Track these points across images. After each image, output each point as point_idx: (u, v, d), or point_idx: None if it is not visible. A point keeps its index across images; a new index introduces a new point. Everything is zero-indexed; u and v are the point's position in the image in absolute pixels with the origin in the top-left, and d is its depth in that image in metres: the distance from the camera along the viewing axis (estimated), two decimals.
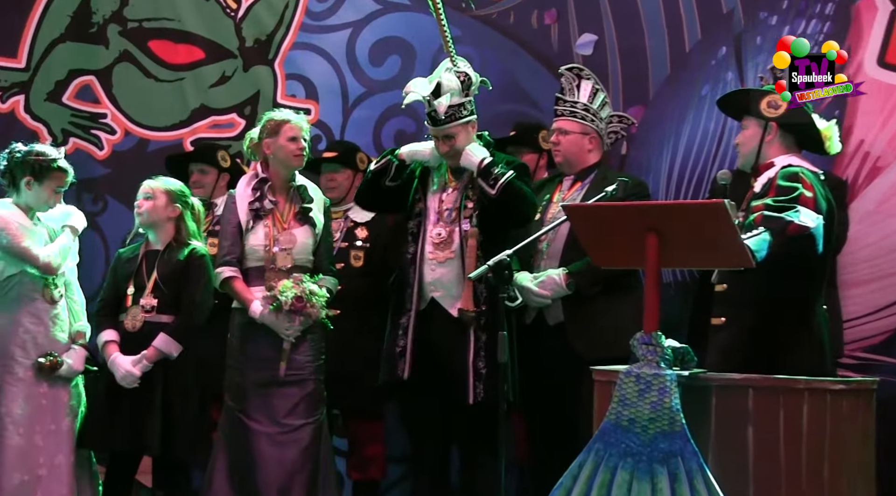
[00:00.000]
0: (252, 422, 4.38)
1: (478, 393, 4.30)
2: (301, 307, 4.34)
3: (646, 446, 3.26)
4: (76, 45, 5.63)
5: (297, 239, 4.50)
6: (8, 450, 4.14)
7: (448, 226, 4.43)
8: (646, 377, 3.32)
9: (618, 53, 5.21)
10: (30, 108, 5.65)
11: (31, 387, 4.22)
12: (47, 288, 4.28)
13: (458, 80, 4.40)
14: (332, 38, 5.57)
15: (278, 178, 4.54)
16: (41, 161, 4.28)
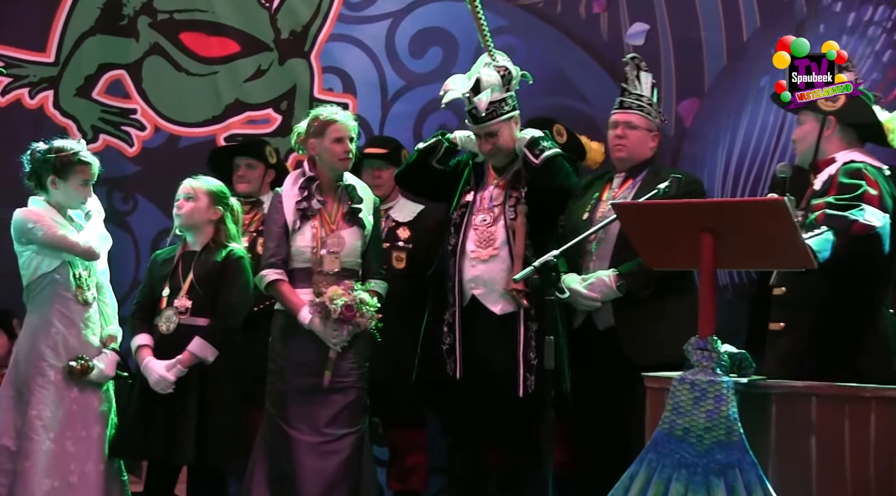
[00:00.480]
0: (293, 430, 4.40)
1: (528, 385, 4.29)
2: (351, 316, 4.35)
3: (701, 457, 3.24)
4: (106, 38, 5.67)
5: (345, 241, 4.51)
6: (39, 454, 4.20)
7: (492, 223, 4.43)
8: (701, 384, 3.30)
9: (671, 44, 5.19)
10: (59, 104, 5.70)
11: (61, 390, 4.27)
12: (80, 289, 4.33)
13: (497, 75, 4.41)
14: (370, 29, 5.58)
15: (326, 178, 4.56)
16: (62, 157, 4.33)
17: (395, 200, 5.16)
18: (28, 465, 4.18)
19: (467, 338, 4.40)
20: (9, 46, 5.65)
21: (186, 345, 4.39)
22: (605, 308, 4.51)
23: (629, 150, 4.66)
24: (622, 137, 4.66)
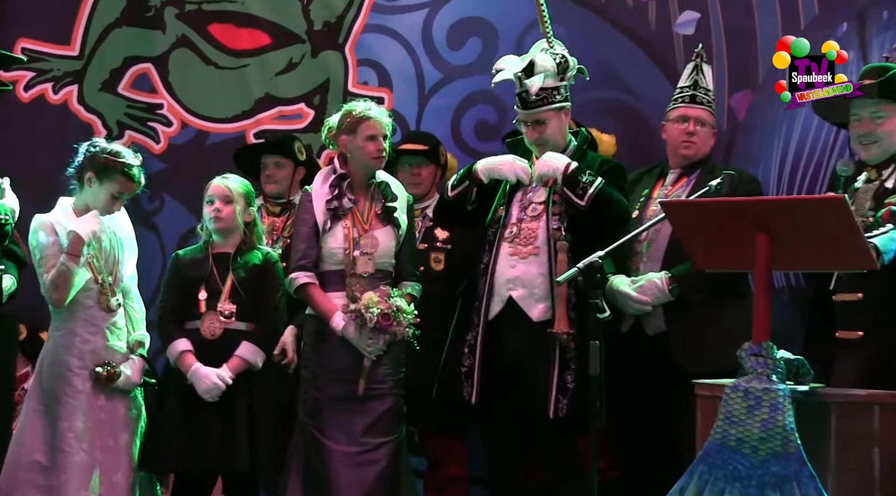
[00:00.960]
0: (328, 440, 4.38)
1: (560, 408, 4.25)
2: (388, 325, 4.34)
3: (756, 469, 3.22)
4: (132, 30, 5.71)
5: (379, 241, 4.49)
6: (73, 466, 4.22)
7: (533, 220, 4.40)
8: (755, 392, 3.28)
9: (723, 33, 5.15)
10: (83, 99, 5.75)
11: (89, 399, 4.29)
12: (103, 295, 4.35)
13: (553, 62, 4.38)
14: (406, 19, 5.59)
15: (358, 175, 4.55)
16: (109, 160, 4.34)
17: (433, 199, 5.15)
18: (64, 479, 4.20)
19: (492, 353, 4.35)
20: (32, 40, 5.71)
21: (231, 350, 4.40)
22: (655, 312, 4.48)
23: (698, 147, 4.63)
24: (693, 134, 4.61)
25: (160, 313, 4.54)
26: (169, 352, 4.47)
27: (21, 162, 5.23)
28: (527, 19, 5.34)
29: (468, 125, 5.49)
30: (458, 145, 5.47)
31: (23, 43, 5.64)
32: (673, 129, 4.68)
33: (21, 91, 5.72)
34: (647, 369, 4.44)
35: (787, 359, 3.40)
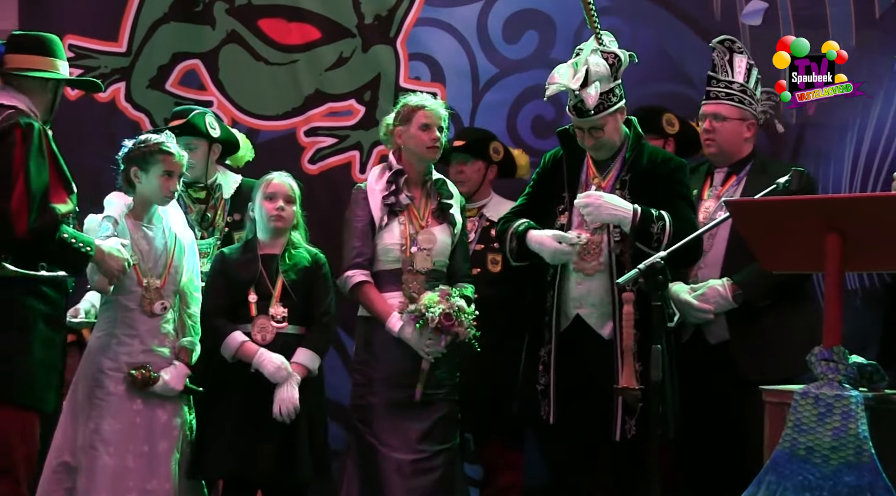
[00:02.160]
0: (384, 447, 4.38)
1: (627, 430, 4.21)
2: (450, 326, 4.33)
3: (827, 479, 3.18)
4: (180, 25, 5.74)
5: (436, 238, 4.50)
6: (97, 470, 4.25)
7: (595, 233, 4.32)
8: (826, 399, 3.24)
9: (792, 23, 5.10)
10: (131, 96, 5.79)
11: (122, 402, 4.31)
12: (146, 299, 4.37)
13: (606, 64, 4.30)
14: (460, 12, 5.59)
15: (413, 171, 4.55)
16: (142, 148, 4.40)
17: (488, 198, 5.14)
18: (85, 481, 4.24)
19: (563, 376, 4.30)
20: (79, 36, 5.76)
21: (284, 355, 4.41)
22: (717, 320, 4.43)
23: (719, 144, 4.60)
24: (710, 130, 4.59)
25: (206, 313, 4.50)
26: (226, 347, 4.43)
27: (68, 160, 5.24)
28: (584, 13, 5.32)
29: (524, 120, 5.47)
30: (515, 141, 5.46)
31: (70, 40, 5.69)
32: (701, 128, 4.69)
33: (68, 89, 5.78)
34: (710, 381, 4.39)
35: (860, 365, 3.36)
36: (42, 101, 4.04)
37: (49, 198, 3.80)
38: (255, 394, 4.39)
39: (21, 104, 3.93)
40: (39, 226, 3.75)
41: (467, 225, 4.81)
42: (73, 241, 3.87)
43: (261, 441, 4.36)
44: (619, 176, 4.37)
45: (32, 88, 4.02)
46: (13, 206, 3.73)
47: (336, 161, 5.66)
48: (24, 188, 3.74)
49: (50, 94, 4.07)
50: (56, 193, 3.84)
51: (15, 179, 3.74)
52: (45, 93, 4.05)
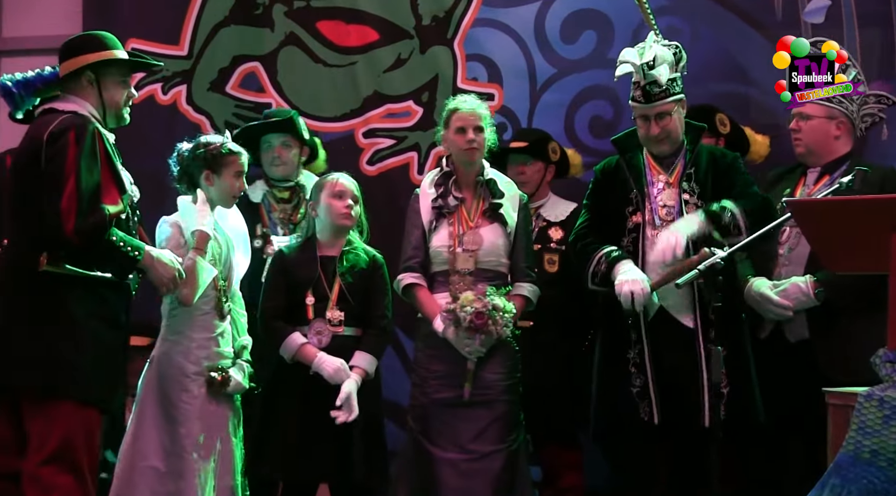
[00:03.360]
0: (435, 447, 4.40)
1: (717, 415, 4.08)
2: (481, 324, 4.32)
3: (893, 483, 3.15)
4: (240, 28, 5.80)
5: (483, 239, 4.49)
6: (191, 472, 4.28)
7: (669, 226, 4.29)
8: (891, 401, 3.20)
9: (855, 20, 5.04)
10: (192, 99, 5.86)
11: (204, 405, 4.37)
12: (219, 301, 4.42)
13: (670, 52, 4.34)
14: (518, 12, 5.58)
15: (463, 172, 4.57)
16: (212, 150, 4.43)
17: (546, 198, 5.14)
18: (183, 486, 4.28)
19: (660, 374, 4.26)
20: (142, 40, 5.83)
21: (341, 357, 4.43)
22: (798, 318, 4.39)
23: (805, 143, 4.56)
24: (797, 130, 4.57)
25: (265, 313, 4.52)
26: (285, 348, 4.45)
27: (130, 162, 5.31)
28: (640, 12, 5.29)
29: (582, 121, 5.45)
30: (572, 142, 5.44)
31: (133, 43, 5.76)
32: None
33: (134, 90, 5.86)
34: (789, 380, 4.34)
35: None
36: (91, 96, 3.98)
37: (100, 198, 3.80)
38: (312, 396, 4.41)
39: (78, 108, 3.93)
40: (87, 226, 3.75)
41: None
42: (121, 244, 3.86)
43: (316, 443, 4.37)
44: (684, 171, 4.36)
45: (80, 88, 3.98)
46: (63, 205, 3.73)
47: (394, 162, 5.68)
48: (74, 188, 3.74)
49: (94, 88, 3.98)
50: (107, 194, 3.83)
51: (66, 179, 3.74)
52: (90, 87, 3.98)
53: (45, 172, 3.77)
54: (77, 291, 3.82)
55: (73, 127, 3.80)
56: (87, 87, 3.97)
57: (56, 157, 3.78)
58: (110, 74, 4.02)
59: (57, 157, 3.78)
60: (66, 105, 3.94)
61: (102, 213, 3.79)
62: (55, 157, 3.78)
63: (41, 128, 3.85)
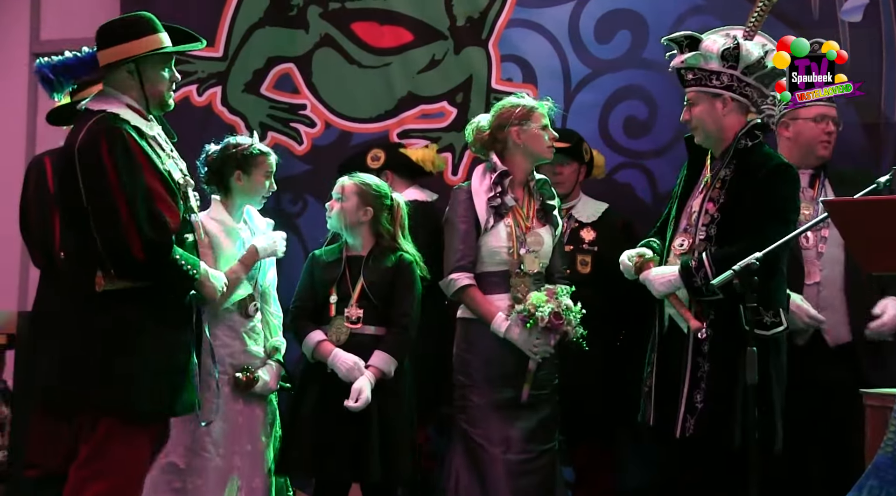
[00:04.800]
0: (492, 447, 4.40)
1: (687, 427, 4.09)
2: (559, 325, 4.33)
3: None
4: (275, 29, 5.82)
5: (543, 240, 4.51)
6: (209, 471, 4.32)
7: (686, 231, 4.25)
8: None
9: (894, 18, 4.99)
10: (227, 100, 5.88)
11: (228, 404, 4.38)
12: (243, 300, 4.45)
13: (720, 45, 4.16)
14: (552, 12, 5.56)
15: (521, 172, 4.55)
16: (242, 150, 4.48)
17: (577, 199, 5.13)
18: (199, 483, 4.30)
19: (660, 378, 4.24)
20: None
21: (359, 355, 4.43)
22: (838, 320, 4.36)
23: (831, 147, 4.54)
24: (831, 133, 4.55)
25: (293, 313, 4.55)
26: (305, 345, 4.48)
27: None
28: (678, 10, 5.27)
29: (616, 121, 5.43)
30: (607, 142, 5.42)
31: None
32: (811, 128, 4.58)
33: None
34: (829, 387, 4.29)
35: None
36: (132, 88, 3.77)
37: (155, 205, 3.62)
38: (328, 394, 4.41)
39: (111, 106, 3.73)
40: (153, 243, 3.59)
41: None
42: (182, 262, 3.71)
43: (333, 442, 4.37)
44: (716, 175, 4.22)
45: (120, 81, 3.77)
46: (123, 224, 3.56)
47: None
48: (125, 204, 3.57)
49: (135, 79, 3.77)
50: (160, 200, 3.65)
51: (115, 197, 3.57)
52: (131, 79, 3.78)
53: (86, 191, 3.60)
54: (133, 304, 3.65)
55: (102, 135, 3.62)
56: (127, 78, 3.77)
57: (93, 173, 3.60)
58: (152, 63, 3.80)
59: (94, 173, 3.60)
60: (99, 103, 3.75)
61: (167, 230, 3.62)
62: (92, 174, 3.60)
63: (71, 138, 3.69)
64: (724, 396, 4.04)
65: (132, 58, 3.74)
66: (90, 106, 3.78)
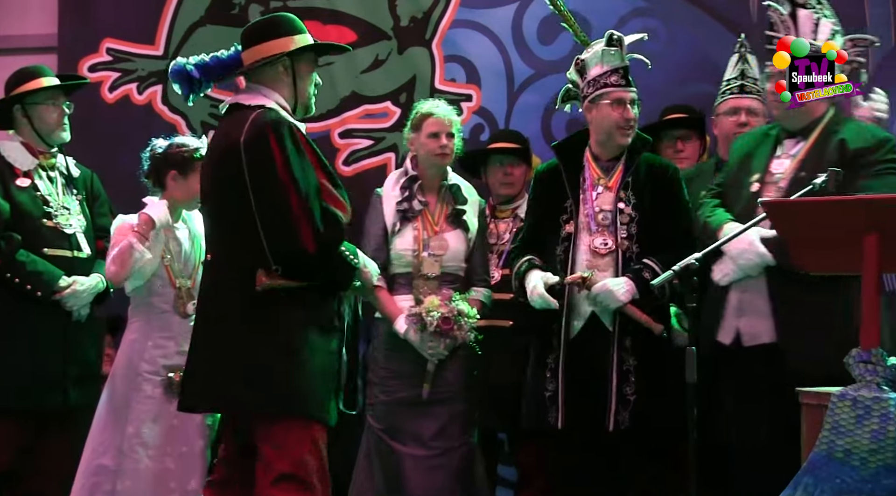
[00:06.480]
0: (398, 443, 4.50)
1: (620, 421, 4.19)
2: (448, 329, 4.44)
3: (866, 482, 3.16)
4: (216, 28, 5.78)
5: (448, 244, 4.59)
6: (139, 473, 4.29)
7: (605, 231, 4.32)
8: (864, 401, 3.21)
9: None
10: (167, 99, 5.84)
11: (161, 405, 4.35)
12: (180, 300, 4.42)
13: None
14: (496, 13, 5.59)
15: (427, 176, 4.64)
16: (183, 152, 4.45)
17: (524, 199, 5.14)
18: (128, 485, 4.28)
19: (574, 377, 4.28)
20: (117, 40, 5.82)
21: None
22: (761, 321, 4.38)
23: None
24: (745, 125, 4.54)
25: None
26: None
27: (106, 162, 5.33)
28: (620, 12, 5.31)
29: (559, 123, 5.46)
30: (549, 143, 5.43)
31: (108, 43, 5.75)
32: (725, 122, 4.64)
33: (106, 92, 5.84)
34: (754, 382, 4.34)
35: None
36: (285, 86, 3.67)
37: (325, 200, 3.50)
38: None
39: (266, 101, 3.61)
40: (327, 237, 3.47)
41: (501, 226, 4.84)
42: (347, 253, 3.59)
43: None
44: (623, 178, 4.34)
45: (272, 78, 3.66)
46: (294, 219, 3.44)
47: (371, 163, 5.67)
48: (297, 198, 3.43)
49: (289, 77, 3.66)
50: (328, 195, 3.52)
51: (286, 191, 3.43)
52: (285, 76, 3.66)
53: (255, 184, 3.46)
54: (290, 303, 3.51)
55: (269, 127, 3.48)
56: (281, 75, 3.66)
57: (262, 167, 3.46)
58: (304, 61, 3.70)
59: (263, 166, 3.46)
60: (252, 98, 3.62)
61: (339, 224, 3.51)
62: (261, 167, 3.46)
63: (233, 133, 3.52)
64: (658, 387, 4.16)
65: (288, 52, 3.64)
66: (242, 100, 3.64)
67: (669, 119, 4.96)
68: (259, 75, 3.67)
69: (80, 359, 4.61)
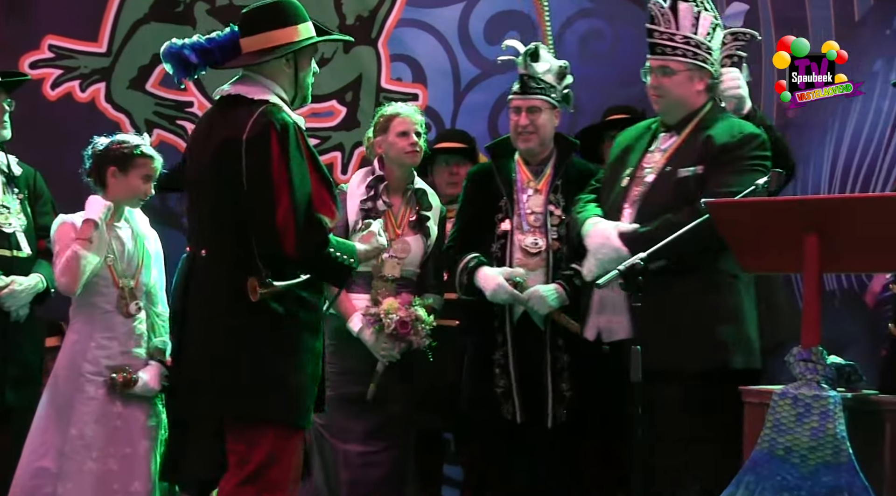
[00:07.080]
0: (334, 438, 4.53)
1: (559, 416, 4.36)
2: (405, 333, 4.45)
3: (806, 479, 3.20)
4: (161, 26, 5.72)
5: (410, 248, 4.60)
6: (82, 475, 4.23)
7: (536, 231, 4.45)
8: (805, 399, 3.25)
9: (773, 25, 5.12)
10: (111, 97, 5.78)
11: (104, 406, 4.30)
12: (123, 300, 4.37)
13: (557, 64, 4.48)
14: (442, 13, 5.60)
15: (395, 178, 4.63)
16: (123, 148, 4.40)
17: None
18: (70, 488, 4.22)
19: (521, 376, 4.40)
20: (59, 36, 5.74)
21: None
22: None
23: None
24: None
25: None
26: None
27: (49, 160, 5.26)
28: (566, 12, 5.34)
29: (504, 122, 5.42)
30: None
31: (50, 40, 5.67)
32: None
33: (48, 89, 5.76)
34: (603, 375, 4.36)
35: (839, 365, 3.37)
36: (285, 77, 3.60)
37: (315, 207, 3.46)
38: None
39: (269, 93, 3.55)
40: (308, 245, 3.45)
41: (447, 226, 4.85)
42: (337, 254, 3.56)
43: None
44: (553, 181, 4.48)
45: (274, 68, 3.58)
46: (279, 223, 3.42)
47: None
48: (288, 203, 3.41)
49: (291, 68, 3.59)
50: (321, 201, 3.49)
51: (278, 194, 3.41)
52: (287, 68, 3.59)
53: (250, 184, 3.44)
54: (282, 305, 3.50)
55: (273, 126, 3.44)
56: (283, 67, 3.59)
57: (261, 166, 3.43)
58: (306, 51, 3.62)
59: (262, 166, 3.43)
60: (253, 90, 3.56)
61: (322, 229, 3.49)
62: (260, 168, 3.43)
63: (236, 128, 3.48)
64: (588, 387, 4.31)
65: (293, 44, 3.56)
66: (243, 92, 3.58)
67: (611, 119, 4.98)
68: (259, 63, 3.59)
69: (19, 360, 4.55)
